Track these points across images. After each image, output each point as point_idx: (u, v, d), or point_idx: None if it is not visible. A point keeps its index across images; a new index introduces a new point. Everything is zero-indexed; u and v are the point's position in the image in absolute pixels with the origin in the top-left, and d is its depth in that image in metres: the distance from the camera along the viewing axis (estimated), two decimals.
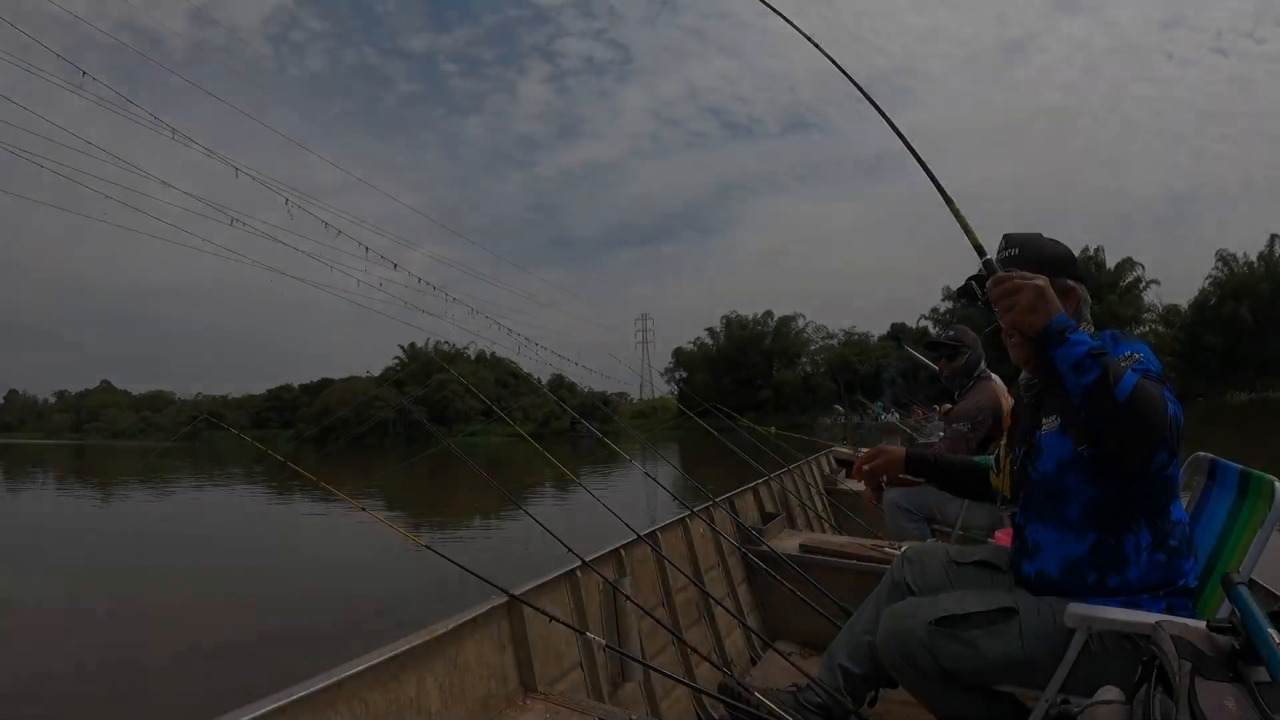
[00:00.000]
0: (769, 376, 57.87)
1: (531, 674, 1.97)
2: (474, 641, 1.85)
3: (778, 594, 3.25)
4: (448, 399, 51.82)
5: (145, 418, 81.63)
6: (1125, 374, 1.26)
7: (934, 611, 1.56)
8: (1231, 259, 48.21)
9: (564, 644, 2.14)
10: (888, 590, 1.87)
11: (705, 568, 3.17)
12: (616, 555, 2.57)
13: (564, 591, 2.24)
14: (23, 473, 29.21)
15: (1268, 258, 46.46)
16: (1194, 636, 1.03)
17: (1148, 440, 1.27)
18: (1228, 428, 24.97)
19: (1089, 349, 1.28)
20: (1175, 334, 47.80)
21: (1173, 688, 0.97)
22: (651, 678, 2.40)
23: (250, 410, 67.80)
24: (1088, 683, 1.30)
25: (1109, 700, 1.08)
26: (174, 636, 5.74)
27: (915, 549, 1.91)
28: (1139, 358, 1.37)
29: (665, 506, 8.87)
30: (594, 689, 2.18)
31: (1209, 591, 1.57)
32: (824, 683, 1.82)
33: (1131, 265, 50.19)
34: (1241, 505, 1.64)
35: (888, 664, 1.64)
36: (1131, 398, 1.24)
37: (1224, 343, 45.26)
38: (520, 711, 1.87)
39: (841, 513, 5.79)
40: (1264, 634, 0.93)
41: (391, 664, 1.58)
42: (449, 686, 1.73)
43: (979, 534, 3.32)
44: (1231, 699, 0.92)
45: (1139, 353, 1.39)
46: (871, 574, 3.02)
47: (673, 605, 2.79)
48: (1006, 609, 1.51)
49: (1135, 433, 1.27)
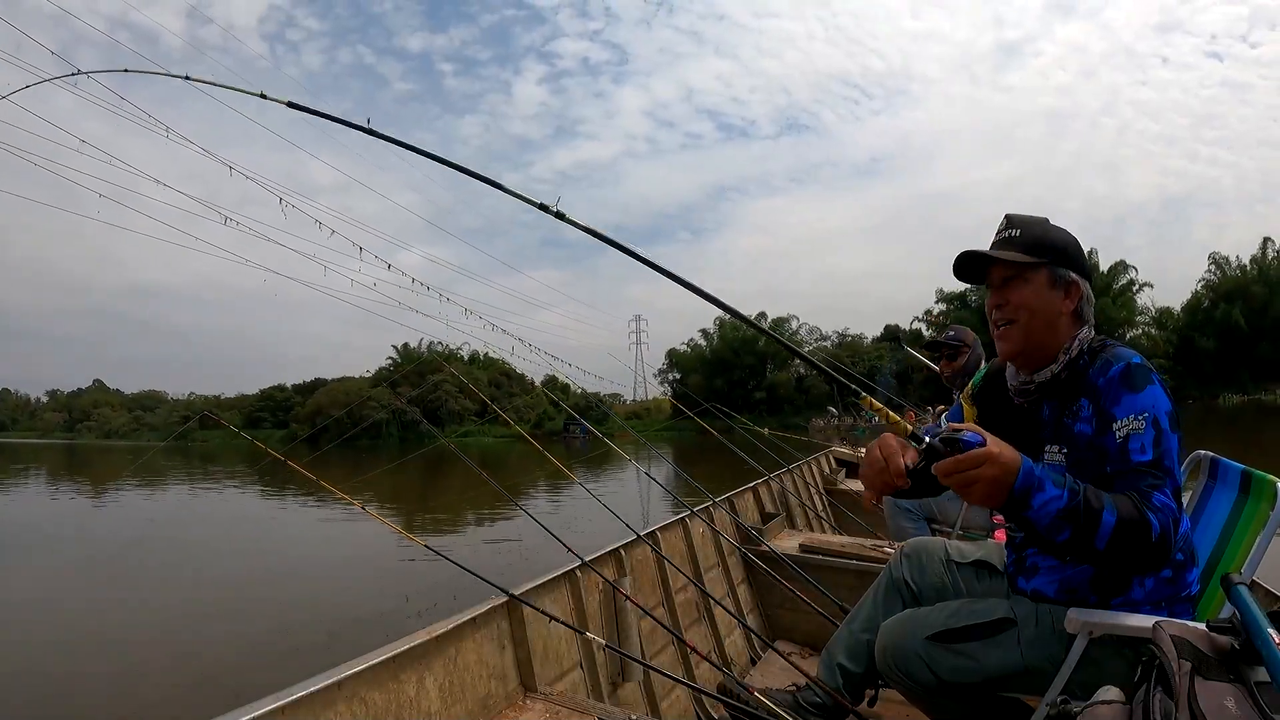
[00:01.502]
0: (762, 378, 57.90)
1: (531, 674, 1.96)
2: (474, 641, 1.85)
3: (777, 594, 3.25)
4: (441, 399, 51.69)
5: (138, 417, 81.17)
6: (1102, 519, 1.20)
7: (930, 626, 1.53)
8: (1225, 262, 48.53)
9: (564, 644, 2.13)
10: (886, 588, 1.85)
11: (705, 568, 3.17)
12: (616, 555, 2.56)
13: (564, 591, 2.24)
14: (13, 472, 28.99)
15: (1260, 261, 46.74)
16: (1194, 636, 1.03)
17: (1139, 570, 1.30)
18: (1220, 430, 25.10)
19: (1059, 511, 1.20)
20: (1168, 337, 48.04)
21: (1172, 688, 0.97)
22: (651, 678, 2.40)
23: (244, 410, 67.48)
24: (1088, 686, 1.29)
25: (1109, 700, 1.08)
26: (167, 638, 5.72)
27: (914, 545, 1.89)
28: (1141, 426, 1.30)
29: (661, 506, 8.88)
30: (594, 689, 2.18)
31: (1209, 592, 1.56)
32: (823, 682, 1.81)
33: (1125, 268, 50.44)
34: (1243, 506, 1.64)
35: (885, 676, 1.62)
36: (1109, 547, 1.21)
37: (1217, 346, 45.49)
38: (520, 711, 1.86)
39: (841, 513, 5.80)
40: (1264, 634, 0.93)
41: (391, 664, 1.58)
42: (449, 686, 1.72)
43: (978, 534, 3.32)
44: (1231, 699, 0.92)
45: (1146, 411, 1.31)
46: (871, 574, 3.00)
47: (673, 605, 2.78)
48: (1004, 619, 1.49)
49: (1124, 567, 1.27)
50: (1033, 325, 1.46)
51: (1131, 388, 1.35)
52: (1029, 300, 1.45)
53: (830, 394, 47.45)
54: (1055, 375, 1.46)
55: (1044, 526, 1.22)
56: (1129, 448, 1.31)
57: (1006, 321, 1.48)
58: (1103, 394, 1.37)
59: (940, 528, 3.61)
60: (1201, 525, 1.76)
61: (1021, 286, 1.46)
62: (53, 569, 8.92)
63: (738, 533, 3.59)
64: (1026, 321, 1.46)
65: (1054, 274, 1.45)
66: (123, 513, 15.75)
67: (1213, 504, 1.78)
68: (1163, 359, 44.30)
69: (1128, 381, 1.35)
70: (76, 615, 6.68)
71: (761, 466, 4.96)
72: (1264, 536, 1.49)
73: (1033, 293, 1.45)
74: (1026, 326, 1.46)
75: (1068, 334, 1.46)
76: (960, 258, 1.50)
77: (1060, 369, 1.46)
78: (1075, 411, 1.43)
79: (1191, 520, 1.79)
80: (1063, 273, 1.46)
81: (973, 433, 1.20)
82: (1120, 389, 1.35)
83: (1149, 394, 1.34)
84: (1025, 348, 1.48)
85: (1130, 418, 1.32)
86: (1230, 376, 44.75)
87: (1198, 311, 48.13)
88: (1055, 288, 1.45)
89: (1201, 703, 0.91)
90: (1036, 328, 1.46)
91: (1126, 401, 1.34)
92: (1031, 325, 1.46)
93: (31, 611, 6.87)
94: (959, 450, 1.18)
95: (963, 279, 1.54)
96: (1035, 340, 1.46)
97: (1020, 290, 1.46)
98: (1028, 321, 1.46)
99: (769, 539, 3.63)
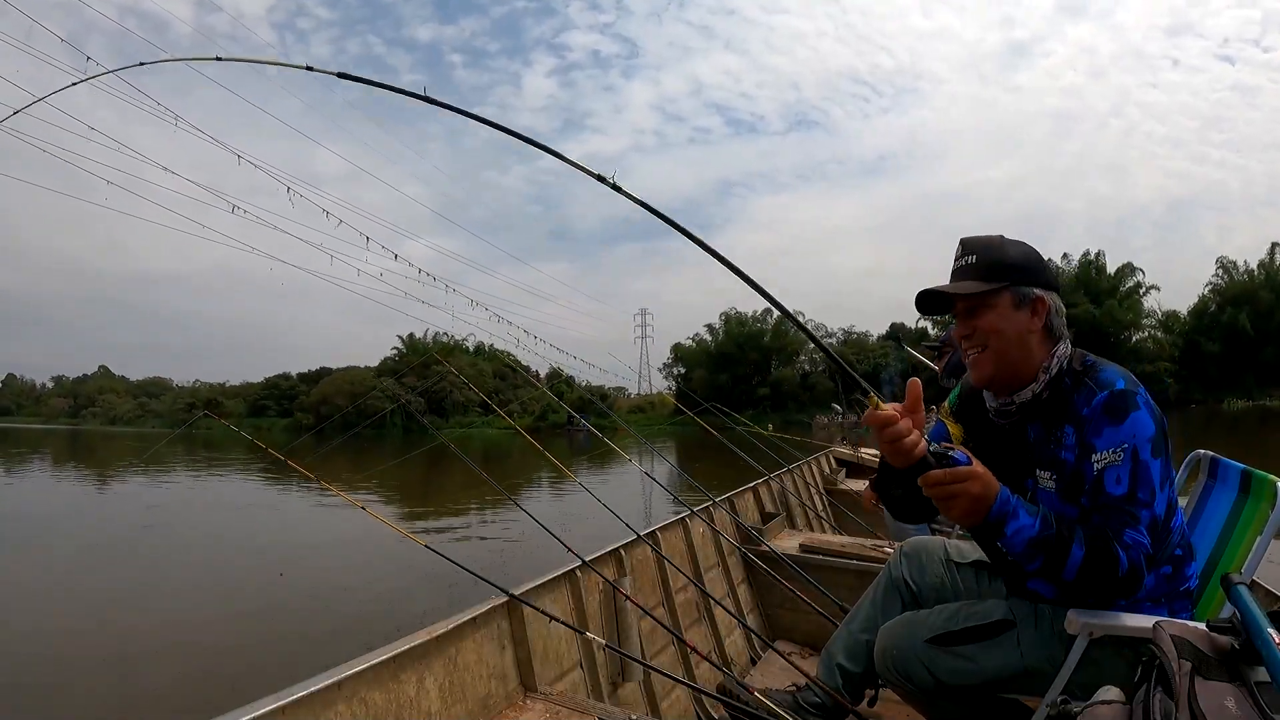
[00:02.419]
0: (767, 374, 57.95)
1: (531, 674, 1.96)
2: (474, 641, 1.85)
3: (777, 594, 3.25)
4: (446, 390, 51.78)
5: (142, 404, 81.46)
6: (1070, 552, 1.26)
7: (929, 628, 1.53)
8: (1232, 266, 48.44)
9: (564, 644, 2.13)
10: (885, 588, 1.85)
11: (705, 568, 3.17)
12: (616, 555, 2.56)
13: (564, 591, 2.24)
14: (18, 458, 29.12)
15: (1268, 266, 46.59)
16: (1194, 636, 1.03)
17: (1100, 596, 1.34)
18: (1224, 434, 25.03)
19: (1028, 540, 1.26)
20: (1174, 340, 47.91)
21: (1173, 688, 0.97)
22: (651, 678, 2.40)
23: (248, 398, 67.59)
24: (1088, 687, 1.29)
25: (1109, 700, 1.08)
26: (165, 634, 5.70)
27: (914, 544, 1.88)
28: (1119, 459, 1.31)
29: (663, 504, 8.88)
30: (594, 689, 2.18)
31: (1209, 592, 1.56)
32: (823, 682, 1.81)
33: (1132, 270, 50.37)
34: (1243, 506, 1.64)
35: (885, 679, 1.62)
36: (1078, 578, 1.27)
37: (1223, 350, 45.37)
38: (520, 711, 1.86)
39: (841, 513, 5.80)
40: (1264, 634, 0.93)
41: (391, 664, 1.58)
42: (449, 686, 1.72)
43: None
44: (1231, 699, 0.92)
45: (1125, 443, 1.32)
46: (871, 574, 3.00)
47: (673, 605, 2.79)
48: (1003, 621, 1.49)
49: (1094, 595, 1.34)
50: (1003, 349, 1.45)
51: (1114, 418, 1.34)
52: (995, 325, 1.44)
53: (834, 391, 47.45)
54: (1037, 395, 1.45)
55: (1017, 554, 1.28)
56: (1104, 480, 1.33)
57: (977, 349, 1.47)
58: (1086, 424, 1.37)
59: (940, 527, 3.61)
60: (1201, 525, 1.76)
61: (986, 313, 1.45)
62: (52, 556, 8.93)
63: (738, 533, 3.59)
64: (997, 346, 1.45)
65: (1017, 294, 1.44)
66: (123, 501, 15.76)
67: (1213, 504, 1.78)
68: (1168, 362, 44.22)
69: (1110, 411, 1.35)
70: (76, 604, 6.69)
71: (762, 466, 4.96)
72: (1264, 536, 1.49)
73: (998, 317, 1.44)
74: (997, 351, 1.45)
75: (1042, 351, 1.45)
76: (920, 296, 1.51)
77: (1041, 388, 1.45)
78: (1060, 439, 1.43)
79: (1191, 520, 1.78)
80: (1025, 291, 1.44)
81: (962, 453, 1.26)
82: (1103, 420, 1.35)
83: (1130, 423, 1.33)
84: (998, 372, 1.47)
85: (1109, 451, 1.33)
86: (1235, 381, 44.64)
87: (1204, 315, 48.03)
88: (1020, 308, 1.44)
89: (1202, 703, 0.91)
90: (1007, 351, 1.44)
91: (1108, 434, 1.34)
92: (1001, 349, 1.45)
93: (31, 599, 6.90)
94: (949, 465, 1.24)
95: (927, 313, 1.56)
96: (1008, 363, 1.45)
97: (985, 316, 1.45)
98: (998, 346, 1.45)
99: (769, 539, 3.63)
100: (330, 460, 18.29)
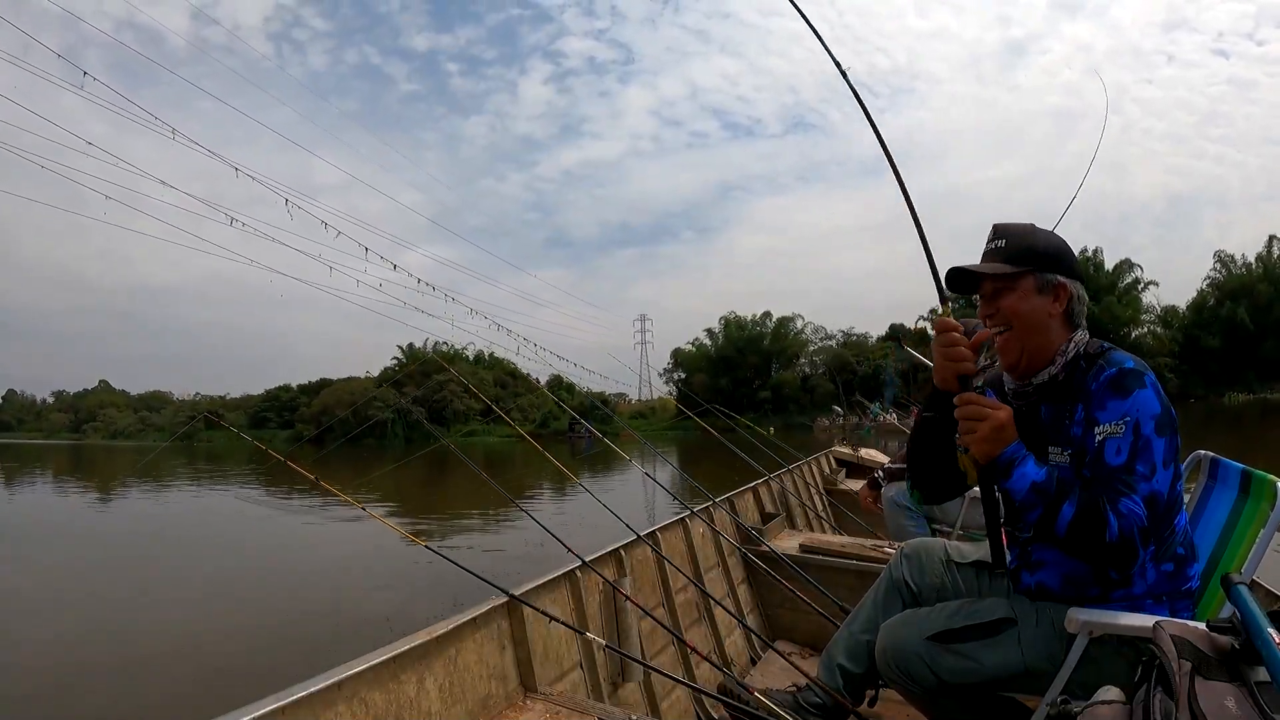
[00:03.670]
0: (767, 377, 57.82)
1: (531, 674, 1.97)
2: (474, 641, 1.85)
3: (777, 594, 3.25)
4: (446, 399, 51.78)
5: (143, 418, 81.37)
6: (1062, 508, 1.31)
7: (930, 626, 1.54)
8: (1230, 261, 48.40)
9: (564, 644, 2.13)
10: (886, 588, 1.86)
11: (705, 568, 3.17)
12: (616, 555, 2.56)
13: (564, 592, 2.24)
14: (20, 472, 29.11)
15: (1266, 260, 46.56)
16: (1194, 636, 1.03)
17: (1108, 567, 1.38)
18: (1225, 429, 25.01)
19: (1031, 484, 1.34)
20: (1173, 335, 47.88)
21: (1173, 688, 0.97)
22: (651, 678, 2.40)
23: (248, 410, 67.58)
24: (1088, 686, 1.30)
25: (1109, 700, 1.08)
26: (168, 641, 5.71)
27: (914, 545, 1.89)
28: (1120, 430, 1.35)
29: (664, 506, 8.88)
30: (594, 689, 2.18)
31: (1209, 592, 1.56)
32: (823, 682, 1.81)
33: (1130, 266, 50.28)
34: (1243, 505, 1.64)
35: (886, 677, 1.63)
36: (1068, 535, 1.32)
37: (1222, 344, 45.33)
38: (520, 711, 1.86)
39: (841, 513, 5.79)
40: (1264, 634, 0.93)
41: (391, 664, 1.58)
42: (449, 686, 1.73)
43: (979, 534, 3.32)
44: (1231, 699, 0.92)
45: (1128, 416, 1.35)
46: (871, 574, 3.01)
47: (673, 605, 2.79)
48: (1004, 619, 1.50)
49: (1090, 561, 1.37)
50: (1024, 331, 1.51)
51: (1119, 393, 1.39)
52: (1017, 307, 1.51)
53: (835, 393, 47.43)
54: (1053, 377, 1.51)
55: (1019, 499, 1.35)
56: (1105, 450, 1.36)
57: (1000, 329, 1.52)
58: (1093, 398, 1.41)
59: (940, 528, 3.62)
60: (1202, 525, 1.76)
61: (1009, 295, 1.52)
62: (57, 566, 8.95)
63: (738, 533, 3.59)
64: (1019, 328, 1.51)
65: (1040, 279, 1.50)
66: (125, 511, 15.81)
67: (1213, 504, 1.78)
68: (1168, 358, 44.17)
69: (1116, 386, 1.39)
70: (80, 612, 6.71)
71: (762, 466, 4.96)
72: (1264, 536, 1.49)
73: (1019, 299, 1.51)
74: (1020, 333, 1.51)
75: (1061, 336, 1.52)
76: (949, 273, 1.56)
77: (1058, 371, 1.50)
78: (1071, 414, 1.47)
79: (1192, 520, 1.78)
80: (1049, 277, 1.50)
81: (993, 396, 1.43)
82: (1108, 394, 1.39)
83: (1135, 399, 1.37)
84: (1023, 355, 1.52)
85: (1112, 423, 1.37)
86: (1235, 375, 44.58)
87: (1203, 310, 48.00)
88: (1043, 292, 1.51)
89: (1202, 703, 0.91)
90: (1028, 333, 1.50)
91: (1112, 406, 1.38)
92: (1023, 331, 1.51)
93: (37, 608, 6.91)
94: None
95: (956, 291, 1.60)
96: (1031, 345, 1.51)
97: (1008, 298, 1.52)
98: (1020, 327, 1.51)
99: (769, 539, 3.63)
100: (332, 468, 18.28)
